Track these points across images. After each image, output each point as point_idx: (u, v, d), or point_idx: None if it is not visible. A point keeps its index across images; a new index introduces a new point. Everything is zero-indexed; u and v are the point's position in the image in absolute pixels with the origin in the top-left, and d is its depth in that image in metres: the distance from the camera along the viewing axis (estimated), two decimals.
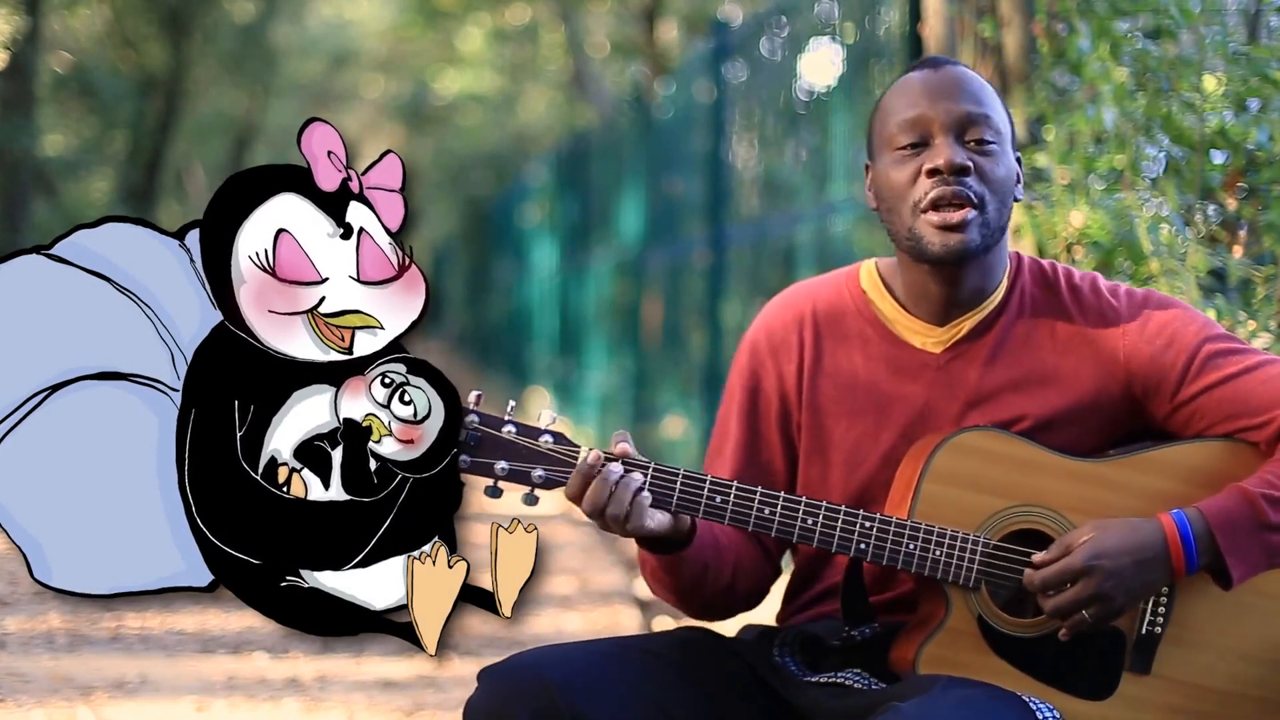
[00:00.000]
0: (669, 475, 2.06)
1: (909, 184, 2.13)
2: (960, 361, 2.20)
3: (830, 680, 2.16)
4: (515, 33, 20.85)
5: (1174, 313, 2.19)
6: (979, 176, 2.11)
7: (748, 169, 6.77)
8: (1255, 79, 3.45)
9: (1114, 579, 2.03)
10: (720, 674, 2.18)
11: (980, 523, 2.10)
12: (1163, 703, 2.10)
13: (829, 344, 2.25)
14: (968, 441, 2.12)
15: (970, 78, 2.17)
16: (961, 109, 2.12)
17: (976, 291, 2.19)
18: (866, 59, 5.07)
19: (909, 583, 2.16)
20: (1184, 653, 2.11)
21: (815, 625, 2.24)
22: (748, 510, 2.07)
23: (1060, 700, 2.07)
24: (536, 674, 2.04)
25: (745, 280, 6.51)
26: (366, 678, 4.39)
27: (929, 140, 2.13)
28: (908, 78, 2.18)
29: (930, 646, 2.08)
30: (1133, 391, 2.17)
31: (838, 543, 2.08)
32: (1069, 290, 2.22)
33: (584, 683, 2.05)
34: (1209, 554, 2.05)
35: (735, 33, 6.97)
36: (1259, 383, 2.13)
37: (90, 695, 4.15)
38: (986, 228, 2.12)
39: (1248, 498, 2.06)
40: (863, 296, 2.26)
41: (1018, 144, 2.22)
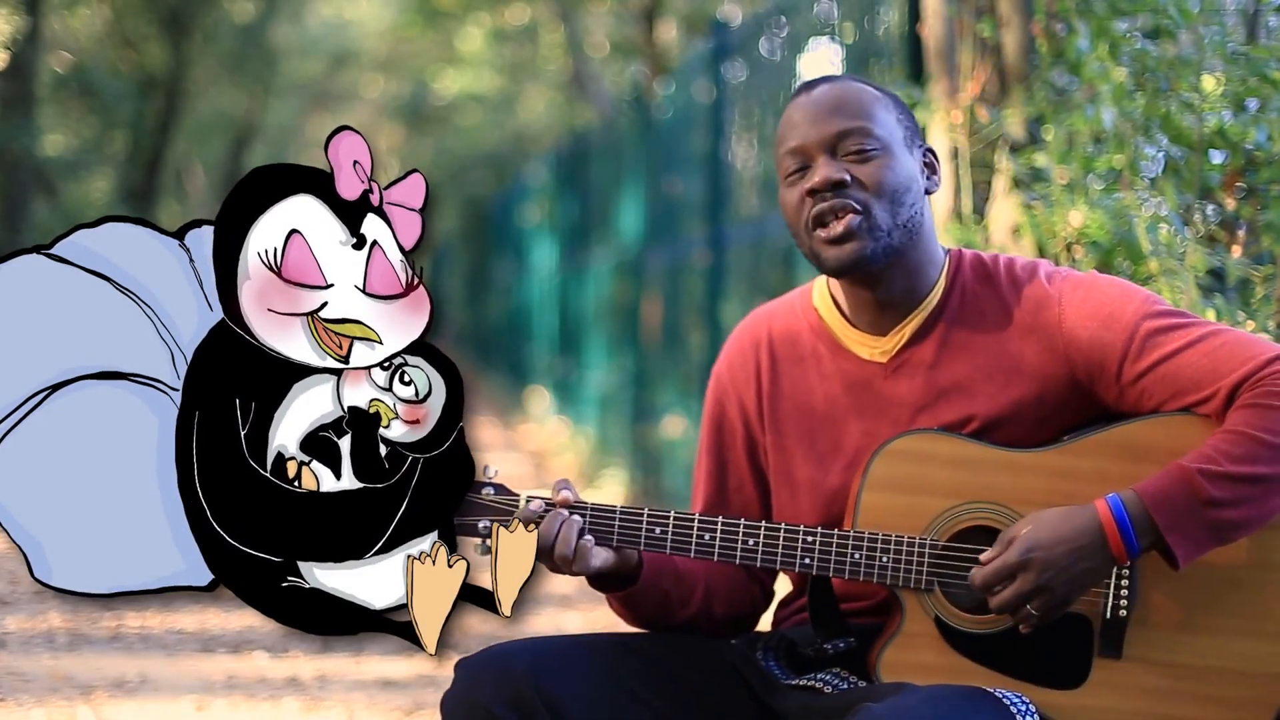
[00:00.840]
0: (607, 513, 2.10)
1: (799, 206, 2.16)
2: (906, 369, 2.20)
3: (809, 683, 2.16)
4: (515, 33, 20.85)
5: (1112, 292, 2.16)
6: (859, 185, 2.13)
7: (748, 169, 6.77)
8: (1254, 79, 3.46)
9: (1051, 569, 2.01)
10: (704, 672, 2.19)
11: (927, 524, 2.10)
12: (1139, 684, 2.09)
13: (785, 366, 2.27)
14: (903, 446, 2.13)
15: (845, 91, 2.18)
16: (830, 126, 2.15)
17: (907, 294, 2.19)
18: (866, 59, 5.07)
19: (883, 593, 2.15)
20: (1154, 633, 2.10)
21: (794, 631, 2.25)
22: (687, 538, 2.10)
23: (1034, 693, 2.06)
24: (508, 663, 2.07)
25: (745, 280, 6.51)
26: (366, 677, 4.39)
27: (810, 162, 2.16)
28: (790, 104, 2.21)
29: (887, 652, 2.09)
30: (1077, 376, 2.14)
31: (781, 559, 2.10)
32: (1009, 281, 2.20)
33: (557, 671, 2.07)
34: (1149, 535, 2.02)
35: (735, 33, 6.97)
36: (1203, 355, 2.09)
37: (90, 694, 4.15)
38: (877, 231, 2.12)
39: (1185, 475, 2.02)
40: (815, 313, 2.28)
41: (919, 137, 2.22)
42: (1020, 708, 2.01)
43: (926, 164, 2.21)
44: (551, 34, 19.90)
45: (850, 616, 2.18)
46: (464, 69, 23.53)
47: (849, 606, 2.18)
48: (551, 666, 2.08)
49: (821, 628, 2.15)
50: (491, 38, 21.55)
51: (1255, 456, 2.02)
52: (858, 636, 2.15)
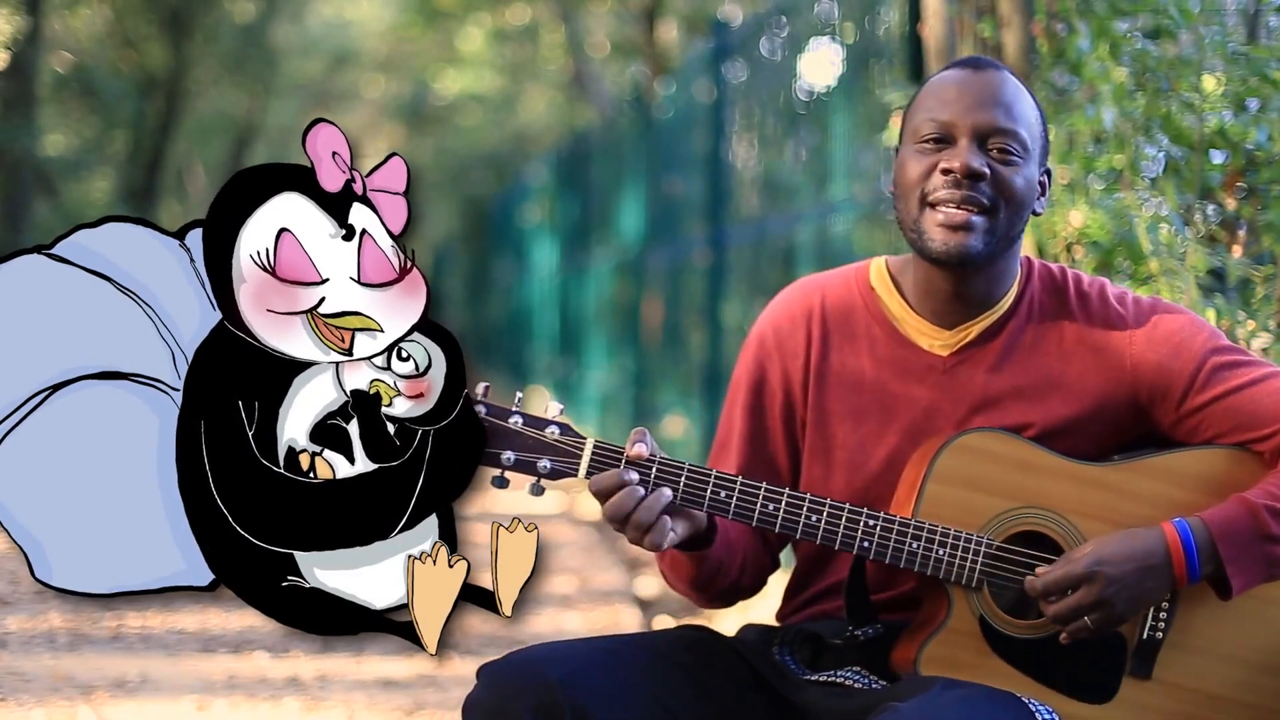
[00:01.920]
0: (674, 469, 2.06)
1: (923, 177, 2.14)
2: (967, 366, 2.20)
3: (830, 679, 2.16)
4: (515, 33, 20.85)
5: (1181, 321, 2.20)
6: (994, 183, 2.12)
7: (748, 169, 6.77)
8: (1254, 79, 3.46)
9: (1115, 585, 2.04)
10: (721, 672, 2.19)
11: (984, 523, 2.10)
12: (1163, 708, 2.10)
13: (836, 341, 2.26)
14: (972, 442, 2.12)
15: (1007, 86, 2.16)
16: (989, 116, 2.13)
17: (984, 296, 2.20)
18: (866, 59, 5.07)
19: (910, 582, 2.16)
20: (1185, 658, 2.11)
21: (816, 624, 2.25)
22: (752, 505, 2.07)
23: (1061, 703, 2.07)
24: (537, 670, 2.04)
25: (745, 280, 6.52)
26: (367, 677, 4.39)
27: (952, 140, 2.13)
28: (945, 74, 2.19)
29: (931, 646, 2.09)
30: (1138, 399, 2.18)
31: (841, 540, 2.09)
32: (1077, 297, 2.22)
33: (585, 679, 2.05)
34: (1211, 563, 2.06)
35: (735, 33, 6.97)
36: (1265, 395, 2.14)
37: (91, 694, 4.15)
38: (992, 235, 2.12)
39: (1251, 509, 2.06)
40: (872, 294, 2.26)
41: (1047, 158, 2.21)
42: (1046, 718, 2.02)
43: (1042, 183, 2.21)
44: (552, 34, 19.90)
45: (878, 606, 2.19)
46: (464, 69, 23.53)
47: (875, 595, 2.19)
48: (581, 674, 2.06)
49: (854, 614, 2.16)
50: (492, 38, 21.55)
51: None
52: (884, 627, 2.16)
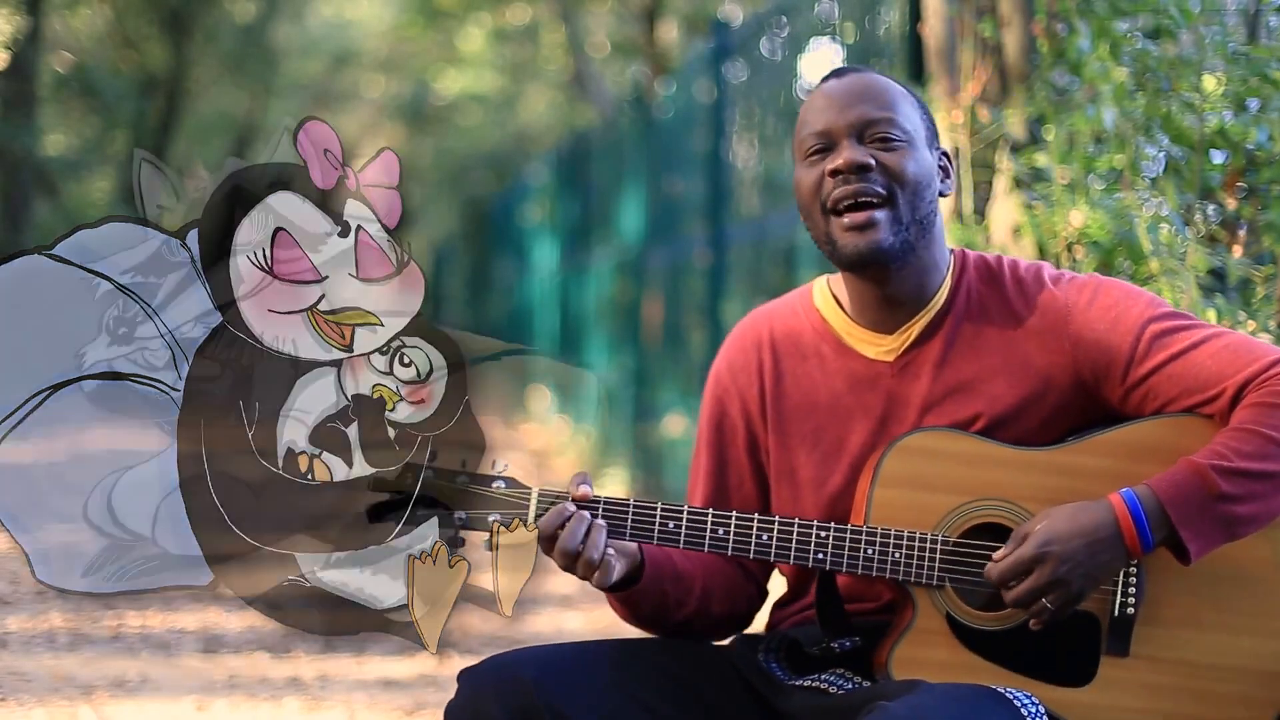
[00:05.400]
0: (620, 507, 2.08)
1: (816, 186, 2.16)
2: (913, 368, 2.20)
3: (814, 684, 2.17)
4: (515, 33, 20.85)
5: (1117, 295, 2.18)
6: (883, 172, 2.13)
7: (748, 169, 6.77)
8: (1255, 79, 3.46)
9: (1068, 563, 2.03)
10: (707, 676, 2.19)
11: (937, 521, 2.11)
12: (1146, 682, 2.10)
13: (788, 364, 2.27)
14: (915, 443, 2.13)
15: (874, 82, 2.19)
16: (861, 111, 2.15)
17: (915, 293, 2.20)
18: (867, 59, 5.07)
19: (889, 593, 2.16)
20: (1161, 631, 2.11)
21: (797, 631, 2.25)
22: (701, 532, 2.09)
23: (1042, 690, 2.07)
24: (513, 673, 2.05)
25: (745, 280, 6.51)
26: (367, 677, 4.39)
27: (834, 145, 2.16)
28: (817, 88, 2.22)
29: (900, 648, 2.09)
30: (1083, 377, 2.16)
31: (795, 553, 2.10)
32: (1014, 283, 2.22)
33: (561, 679, 2.06)
34: (1163, 529, 2.04)
35: (735, 33, 6.97)
36: (1207, 357, 2.12)
37: (91, 694, 4.15)
38: (898, 224, 2.13)
39: (1198, 470, 2.04)
40: (816, 314, 2.28)
41: (936, 139, 2.23)
42: (1030, 709, 2.02)
43: (942, 166, 2.22)
44: (552, 34, 19.89)
45: (855, 617, 2.18)
46: (465, 69, 23.53)
47: (854, 607, 2.19)
48: (557, 676, 2.07)
49: (828, 626, 2.16)
50: (492, 38, 21.55)
51: (1265, 453, 2.04)
52: (863, 636, 2.16)
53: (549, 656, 2.11)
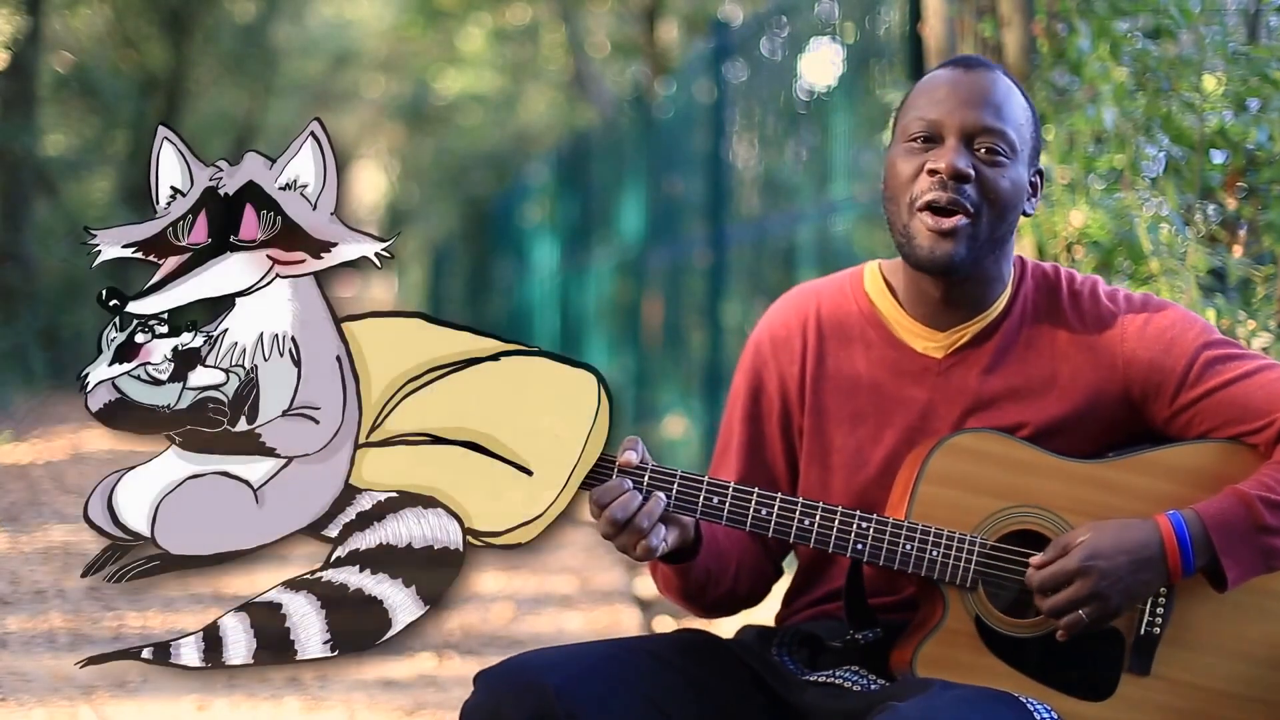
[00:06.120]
0: (666, 476, 2.06)
1: (911, 178, 2.14)
2: (961, 368, 2.20)
3: (828, 680, 2.17)
4: (516, 32, 20.85)
5: (1173, 317, 2.20)
6: (979, 185, 2.11)
7: (748, 169, 6.78)
8: (1255, 79, 3.46)
9: (1109, 579, 2.04)
10: (719, 674, 2.19)
11: (977, 523, 2.11)
12: (1162, 703, 2.10)
13: (832, 346, 2.26)
14: (964, 443, 2.13)
15: (997, 86, 2.15)
16: (977, 117, 2.12)
17: (976, 300, 2.20)
18: (866, 59, 5.08)
19: (911, 587, 2.16)
20: (1184, 653, 2.11)
21: (815, 625, 2.25)
22: (745, 511, 2.08)
23: (1060, 701, 2.07)
24: (533, 677, 2.03)
25: (745, 280, 6.52)
26: (367, 677, 4.39)
27: (940, 139, 2.13)
28: (936, 74, 2.19)
29: (927, 646, 2.09)
30: (1131, 396, 2.18)
31: (835, 542, 2.09)
32: (1069, 296, 2.23)
33: (581, 685, 2.05)
34: (1205, 555, 2.06)
35: (735, 33, 6.97)
36: (1258, 387, 2.14)
37: (92, 694, 4.15)
38: (975, 240, 2.12)
39: (1244, 500, 2.06)
40: (866, 298, 2.27)
41: (1038, 158, 2.21)
42: (1045, 717, 2.02)
43: (1033, 184, 2.20)
44: (552, 34, 19.90)
45: (877, 611, 2.19)
46: (465, 69, 23.52)
47: (875, 600, 2.19)
48: (576, 681, 2.05)
49: (853, 617, 2.16)
50: (492, 37, 21.54)
51: None
52: (884, 630, 2.16)
53: (567, 660, 2.09)
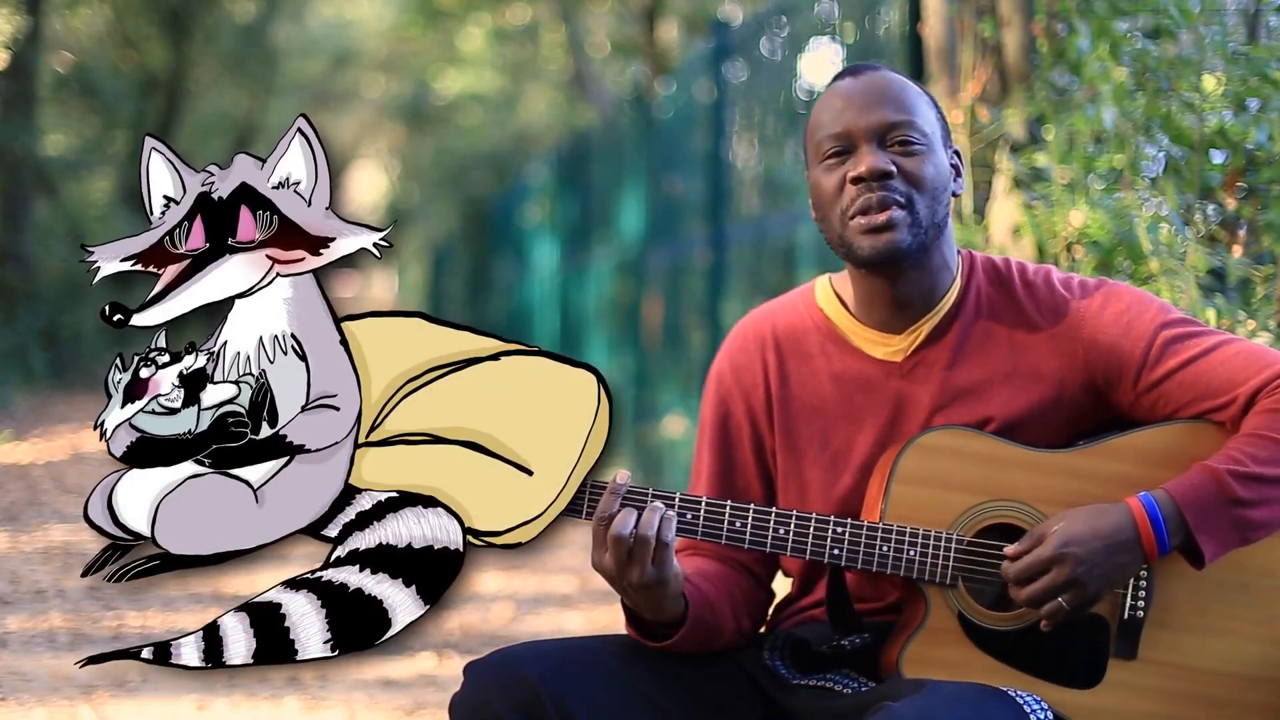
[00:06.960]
0: (640, 494, 2.06)
1: (837, 191, 2.15)
2: (922, 369, 2.20)
3: (819, 684, 2.17)
4: (515, 33, 20.85)
5: (1129, 300, 2.19)
6: (904, 178, 2.12)
7: (748, 169, 6.77)
8: (1255, 79, 3.46)
9: (1085, 565, 2.03)
10: (711, 671, 2.19)
11: (952, 520, 2.11)
12: (1153, 686, 2.11)
13: (793, 364, 2.26)
14: (933, 441, 2.13)
15: (891, 83, 2.17)
16: (881, 115, 2.14)
17: (925, 295, 2.20)
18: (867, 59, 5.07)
19: (896, 592, 2.16)
20: (1170, 635, 2.12)
21: (803, 629, 2.25)
22: (719, 523, 2.09)
23: (1049, 692, 2.07)
24: (519, 667, 2.05)
25: (745, 280, 6.52)
26: (367, 677, 4.39)
27: (853, 148, 2.14)
28: (832, 88, 2.20)
29: (912, 647, 2.10)
30: (1094, 382, 2.17)
31: (811, 549, 2.10)
32: (1023, 286, 2.22)
33: (567, 674, 2.06)
34: (1179, 534, 2.05)
35: (735, 33, 6.97)
36: (1218, 363, 2.13)
37: (92, 694, 4.15)
38: (917, 227, 2.13)
39: (1214, 475, 2.06)
40: (820, 313, 2.27)
41: (950, 139, 2.22)
42: (1035, 710, 2.02)
43: (954, 165, 2.21)
44: (552, 34, 19.90)
45: (863, 616, 2.18)
46: (465, 69, 23.53)
47: (860, 606, 2.19)
48: (562, 671, 2.06)
49: (838, 623, 2.16)
50: (492, 37, 21.55)
51: (1278, 459, 2.06)
52: (871, 634, 2.16)
53: (555, 651, 2.11)
